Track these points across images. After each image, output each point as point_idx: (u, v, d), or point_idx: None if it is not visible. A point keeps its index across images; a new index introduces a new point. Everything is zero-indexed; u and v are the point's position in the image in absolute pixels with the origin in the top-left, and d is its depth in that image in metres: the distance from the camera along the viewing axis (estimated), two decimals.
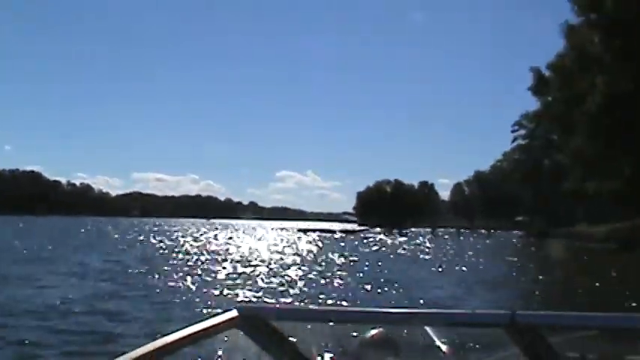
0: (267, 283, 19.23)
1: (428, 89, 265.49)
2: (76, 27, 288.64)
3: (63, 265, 23.58)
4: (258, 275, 21.39)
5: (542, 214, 67.21)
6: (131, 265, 24.33)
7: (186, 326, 1.92)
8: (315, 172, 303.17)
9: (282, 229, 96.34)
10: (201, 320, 1.97)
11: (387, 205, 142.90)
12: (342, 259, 31.14)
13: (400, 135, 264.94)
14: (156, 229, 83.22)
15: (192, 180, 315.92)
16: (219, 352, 2.37)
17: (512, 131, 75.68)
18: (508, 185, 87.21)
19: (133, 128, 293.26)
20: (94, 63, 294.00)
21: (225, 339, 2.08)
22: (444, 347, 2.12)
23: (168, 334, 1.87)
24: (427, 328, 2.05)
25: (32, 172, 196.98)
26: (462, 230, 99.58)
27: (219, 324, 2.00)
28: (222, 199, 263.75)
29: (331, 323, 2.21)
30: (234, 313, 2.04)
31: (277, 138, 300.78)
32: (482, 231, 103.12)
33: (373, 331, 2.19)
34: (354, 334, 2.27)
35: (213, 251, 35.50)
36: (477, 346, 2.42)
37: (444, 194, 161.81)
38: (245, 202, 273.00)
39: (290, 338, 2.17)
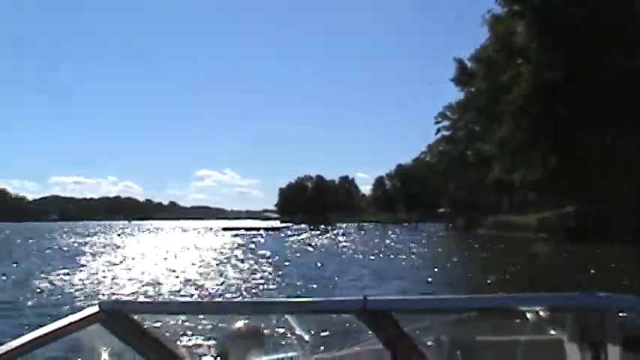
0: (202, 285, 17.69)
1: (346, 84, 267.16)
2: None
3: None
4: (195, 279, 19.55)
5: (466, 205, 67.64)
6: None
7: (47, 324, 1.89)
8: (233, 169, 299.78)
9: (206, 228, 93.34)
10: (63, 317, 1.93)
11: (309, 201, 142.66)
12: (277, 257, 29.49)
13: (318, 130, 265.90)
14: (66, 229, 78.97)
15: (111, 182, 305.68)
16: (82, 349, 2.29)
17: (436, 123, 75.88)
18: (432, 177, 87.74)
19: (48, 131, 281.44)
20: None
21: (88, 335, 2.04)
22: (305, 336, 2.20)
23: (29, 332, 1.83)
24: (288, 317, 2.10)
25: None
26: (387, 224, 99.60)
27: (80, 320, 1.96)
28: (142, 200, 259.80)
29: (195, 315, 2.29)
30: (95, 308, 1.99)
31: (194, 136, 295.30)
32: (406, 224, 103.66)
33: (238, 323, 2.18)
34: (220, 325, 2.30)
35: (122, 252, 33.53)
36: (335, 332, 2.55)
37: (363, 188, 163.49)
38: (165, 203, 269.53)
39: (152, 331, 2.12)
